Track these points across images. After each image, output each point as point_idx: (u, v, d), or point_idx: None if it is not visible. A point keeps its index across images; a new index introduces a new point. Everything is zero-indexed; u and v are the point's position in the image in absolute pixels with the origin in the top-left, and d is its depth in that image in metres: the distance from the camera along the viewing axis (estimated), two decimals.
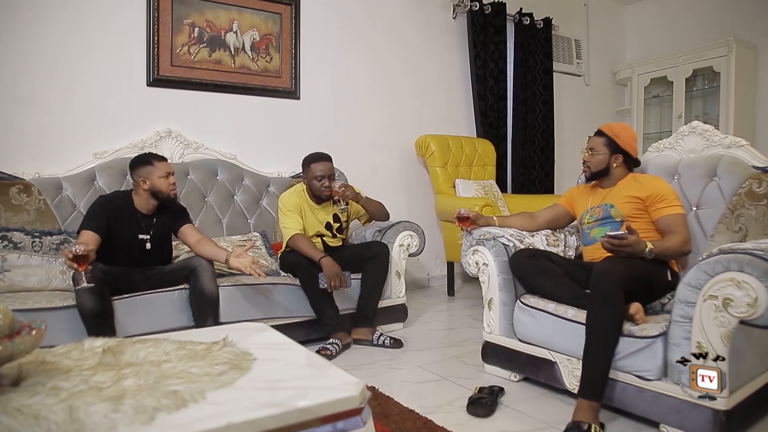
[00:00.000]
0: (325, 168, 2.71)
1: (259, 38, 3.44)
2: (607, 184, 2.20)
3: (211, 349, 1.22)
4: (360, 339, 2.67)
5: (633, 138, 2.19)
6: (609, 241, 1.80)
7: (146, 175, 2.35)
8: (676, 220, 1.99)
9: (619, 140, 2.14)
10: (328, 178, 2.71)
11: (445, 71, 4.30)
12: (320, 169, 2.70)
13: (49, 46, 2.83)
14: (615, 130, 2.17)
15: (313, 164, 2.72)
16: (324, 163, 2.72)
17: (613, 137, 2.15)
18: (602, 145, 2.16)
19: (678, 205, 2.02)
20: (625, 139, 2.15)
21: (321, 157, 2.74)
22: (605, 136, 2.16)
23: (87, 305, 2.03)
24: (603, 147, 2.16)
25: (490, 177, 4.18)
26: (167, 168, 2.39)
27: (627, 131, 2.19)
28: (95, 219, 2.25)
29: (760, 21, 4.53)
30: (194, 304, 2.29)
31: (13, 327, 1.03)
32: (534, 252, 2.16)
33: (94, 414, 0.88)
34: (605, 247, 1.82)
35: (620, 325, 1.72)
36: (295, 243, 2.64)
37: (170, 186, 2.39)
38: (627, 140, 2.16)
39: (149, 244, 2.40)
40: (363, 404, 1.05)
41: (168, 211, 2.46)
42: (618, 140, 2.14)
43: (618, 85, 5.48)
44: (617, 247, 1.79)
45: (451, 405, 1.95)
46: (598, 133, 2.20)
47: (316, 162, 2.71)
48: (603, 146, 2.16)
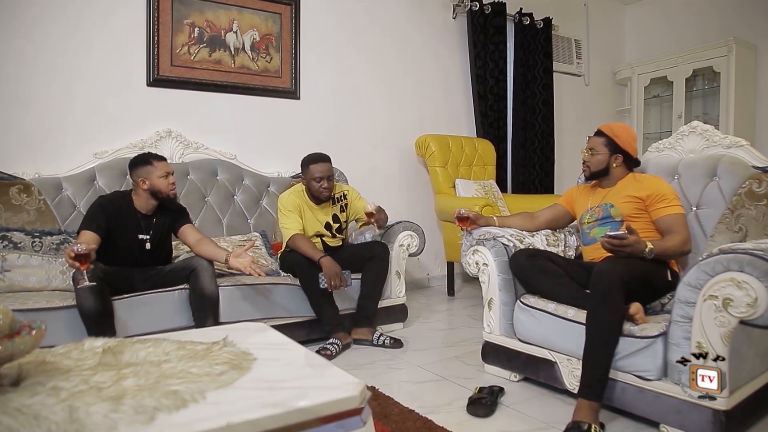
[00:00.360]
0: (323, 169, 2.70)
1: (259, 38, 3.44)
2: (606, 184, 2.20)
3: (211, 349, 1.22)
4: (360, 339, 2.67)
5: (633, 138, 2.19)
6: (609, 241, 1.80)
7: (146, 174, 2.35)
8: (676, 219, 1.99)
9: (619, 140, 2.14)
10: (327, 179, 2.71)
11: (445, 71, 4.30)
12: (319, 170, 2.69)
13: (49, 46, 2.84)
14: (615, 130, 2.17)
15: (311, 165, 2.71)
16: (323, 164, 2.71)
17: (613, 137, 2.15)
18: (602, 145, 2.16)
19: (678, 205, 2.02)
20: (625, 138, 2.15)
21: (320, 158, 2.74)
22: (605, 136, 2.16)
23: (87, 305, 2.03)
24: (603, 147, 2.16)
25: (490, 177, 4.18)
26: (166, 168, 2.39)
27: (627, 131, 2.19)
28: (95, 219, 2.25)
29: (760, 21, 4.53)
30: (194, 304, 2.29)
31: (13, 327, 1.03)
32: (534, 252, 2.16)
33: (94, 414, 0.88)
34: (605, 247, 1.82)
35: (620, 325, 1.72)
36: (295, 243, 2.64)
37: (170, 186, 2.39)
38: (627, 140, 2.16)
39: (149, 244, 2.40)
40: (363, 404, 1.05)
41: (168, 212, 2.46)
42: (618, 140, 2.14)
43: (618, 85, 5.48)
44: (617, 247, 1.79)
45: (451, 405, 1.95)
46: (598, 133, 2.20)
47: (315, 163, 2.71)
48: (603, 146, 2.16)
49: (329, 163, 2.75)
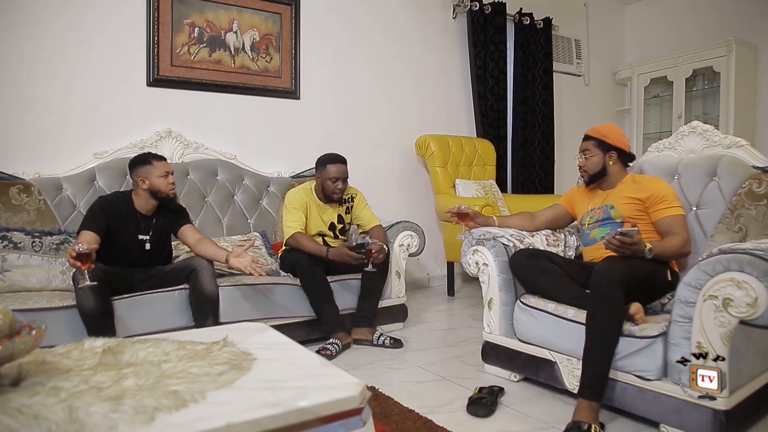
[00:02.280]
0: (339, 170, 2.72)
1: (259, 38, 3.44)
2: (606, 186, 2.20)
3: (211, 349, 1.22)
4: (360, 339, 2.67)
5: (621, 134, 2.21)
6: (620, 238, 1.77)
7: (145, 174, 2.35)
8: (676, 221, 1.99)
9: (609, 138, 2.16)
10: (342, 180, 2.73)
11: (445, 71, 4.30)
12: (335, 171, 2.71)
13: (49, 46, 2.83)
14: (601, 130, 2.20)
15: (329, 165, 2.72)
16: (339, 166, 2.73)
17: (602, 137, 2.17)
18: (593, 146, 2.18)
19: (678, 206, 2.02)
20: (614, 136, 2.17)
21: (337, 159, 2.75)
22: (593, 139, 2.18)
23: (87, 305, 2.03)
24: (595, 148, 2.17)
25: (490, 177, 4.18)
26: (166, 167, 2.39)
27: (613, 129, 2.21)
28: (95, 220, 2.25)
29: (760, 21, 4.53)
30: (194, 305, 2.29)
31: (13, 327, 1.03)
32: (534, 252, 2.16)
33: (94, 414, 0.88)
34: (610, 245, 1.81)
35: (620, 325, 1.72)
36: (297, 241, 2.65)
37: (169, 185, 2.39)
38: (616, 137, 2.17)
39: (149, 244, 2.40)
40: (363, 404, 1.05)
41: (167, 212, 2.46)
42: (607, 139, 2.16)
43: (618, 85, 5.48)
44: (624, 245, 1.78)
45: (451, 405, 1.95)
46: (586, 138, 2.21)
47: (332, 163, 2.72)
48: (594, 147, 2.17)
49: (346, 165, 2.76)
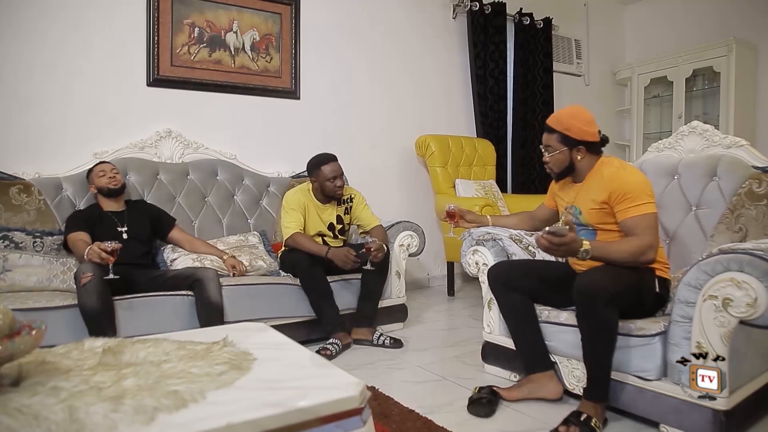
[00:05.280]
0: (334, 168, 2.73)
1: (259, 38, 3.44)
2: (578, 178, 1.97)
3: (211, 349, 1.22)
4: (360, 339, 2.67)
5: (586, 122, 1.87)
6: (547, 237, 1.64)
7: (91, 180, 2.61)
8: (638, 222, 1.73)
9: (572, 132, 1.85)
10: (340, 177, 2.74)
11: (445, 71, 4.30)
12: (330, 170, 2.72)
13: (48, 46, 2.84)
14: (564, 122, 1.87)
15: (323, 166, 2.72)
16: (333, 164, 2.74)
17: (565, 131, 1.86)
18: (557, 142, 1.89)
19: (645, 203, 1.74)
20: (579, 128, 1.85)
21: (329, 158, 2.75)
22: (556, 132, 1.88)
23: (89, 304, 2.04)
24: (558, 144, 1.88)
25: (490, 177, 4.18)
26: (102, 167, 2.60)
27: (576, 119, 1.87)
28: (77, 223, 2.42)
29: (760, 21, 4.53)
30: (203, 316, 2.30)
31: (13, 327, 1.03)
32: (507, 280, 2.00)
33: (94, 414, 0.88)
34: (539, 244, 1.68)
35: (610, 332, 1.66)
36: (297, 241, 2.65)
37: (108, 180, 2.56)
38: (581, 129, 1.85)
39: (126, 235, 2.51)
40: (363, 404, 1.05)
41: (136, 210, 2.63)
42: (571, 133, 1.85)
43: (618, 85, 5.48)
44: (553, 245, 1.64)
45: (451, 405, 1.95)
46: (548, 129, 1.92)
47: (326, 164, 2.73)
48: (558, 143, 1.88)
49: (337, 161, 2.77)
